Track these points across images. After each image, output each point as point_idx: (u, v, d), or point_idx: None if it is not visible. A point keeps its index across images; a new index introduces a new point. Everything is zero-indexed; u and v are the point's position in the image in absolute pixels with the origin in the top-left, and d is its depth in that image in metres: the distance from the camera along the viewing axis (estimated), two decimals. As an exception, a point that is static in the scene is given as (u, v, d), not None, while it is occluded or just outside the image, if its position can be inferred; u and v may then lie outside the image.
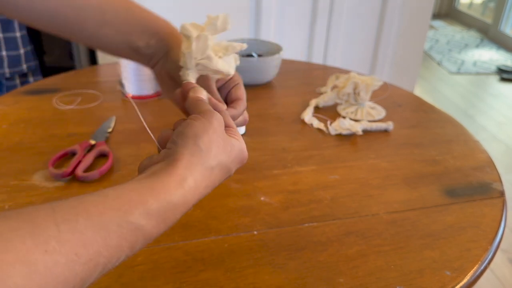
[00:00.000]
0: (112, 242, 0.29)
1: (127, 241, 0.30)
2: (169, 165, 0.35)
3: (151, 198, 0.32)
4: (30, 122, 0.82)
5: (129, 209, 0.31)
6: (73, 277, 0.26)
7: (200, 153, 0.36)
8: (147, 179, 0.34)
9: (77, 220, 0.28)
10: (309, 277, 0.50)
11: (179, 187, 0.34)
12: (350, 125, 0.81)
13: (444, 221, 0.60)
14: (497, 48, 3.80)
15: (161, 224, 0.33)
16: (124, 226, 0.30)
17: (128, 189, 0.32)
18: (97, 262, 0.28)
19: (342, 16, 1.97)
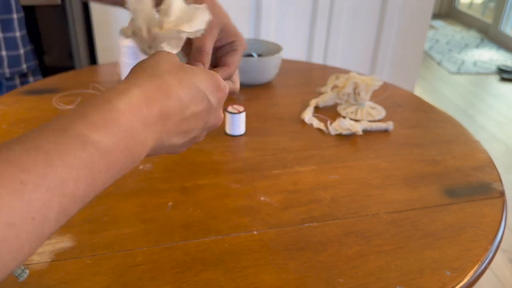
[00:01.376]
0: (55, 162, 0.26)
1: (76, 157, 0.27)
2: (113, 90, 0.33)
3: (89, 110, 0.29)
4: (30, 122, 0.82)
5: (66, 125, 0.28)
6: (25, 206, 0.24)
7: (146, 68, 0.35)
8: (86, 102, 0.31)
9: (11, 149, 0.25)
10: (309, 277, 0.50)
11: (121, 94, 0.32)
12: (350, 125, 0.81)
13: (444, 221, 0.60)
14: (497, 48, 3.80)
15: (115, 133, 0.29)
16: (63, 142, 0.27)
17: (69, 111, 0.30)
18: (48, 186, 0.25)
19: (342, 16, 1.97)
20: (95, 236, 0.55)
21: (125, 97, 0.32)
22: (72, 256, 0.51)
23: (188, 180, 0.66)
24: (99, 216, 0.58)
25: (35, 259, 0.51)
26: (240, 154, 0.75)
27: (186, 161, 0.71)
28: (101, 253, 0.52)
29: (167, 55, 0.38)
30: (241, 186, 0.66)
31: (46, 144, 0.26)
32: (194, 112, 0.37)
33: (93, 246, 0.53)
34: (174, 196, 0.63)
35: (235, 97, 0.96)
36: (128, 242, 0.54)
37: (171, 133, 0.36)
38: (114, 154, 0.29)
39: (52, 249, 0.52)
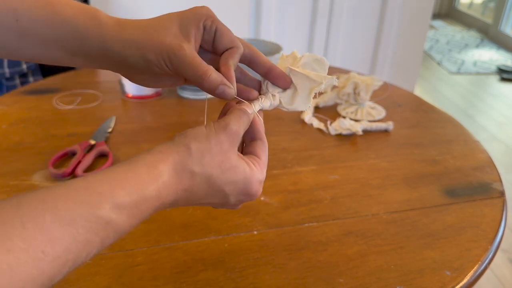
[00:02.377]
0: (80, 238, 0.28)
1: (97, 236, 0.29)
2: (150, 154, 0.33)
3: (122, 191, 0.30)
4: (30, 122, 0.82)
5: (98, 202, 0.29)
6: (39, 275, 0.25)
7: (188, 155, 0.34)
8: (122, 168, 0.32)
9: (44, 216, 0.26)
10: (309, 277, 0.50)
11: (153, 181, 0.32)
12: (350, 125, 0.81)
13: (444, 221, 0.60)
14: (497, 48, 3.80)
15: (133, 218, 0.31)
16: (93, 221, 0.28)
17: (99, 179, 0.30)
18: (66, 258, 0.27)
19: (342, 16, 1.97)
20: (95, 236, 0.55)
21: (156, 185, 0.32)
22: (72, 256, 0.51)
23: (188, 180, 0.66)
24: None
25: (35, 259, 0.51)
26: (240, 154, 0.75)
27: (186, 161, 0.71)
28: (101, 253, 0.52)
29: (224, 140, 0.36)
30: (241, 186, 0.65)
31: (79, 219, 0.28)
32: (206, 202, 0.37)
33: (93, 246, 0.53)
34: (174, 196, 0.63)
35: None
36: (128, 242, 0.54)
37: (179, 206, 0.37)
38: (124, 233, 0.31)
39: (52, 249, 0.52)
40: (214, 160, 0.35)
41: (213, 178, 0.35)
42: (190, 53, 0.37)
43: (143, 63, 0.38)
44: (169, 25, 0.38)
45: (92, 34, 0.38)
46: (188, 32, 0.38)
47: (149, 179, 0.32)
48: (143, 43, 0.37)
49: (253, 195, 0.38)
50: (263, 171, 0.39)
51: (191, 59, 0.37)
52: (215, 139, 0.35)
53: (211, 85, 0.38)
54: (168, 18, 0.39)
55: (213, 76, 0.37)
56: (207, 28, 0.39)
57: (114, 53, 0.38)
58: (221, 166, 0.35)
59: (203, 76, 0.37)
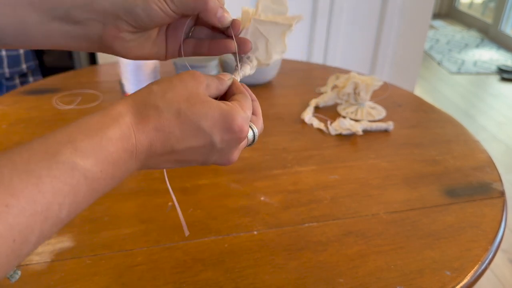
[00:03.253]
0: (45, 187, 0.26)
1: (65, 183, 0.27)
2: (112, 104, 0.32)
3: (80, 135, 0.29)
4: (30, 122, 0.82)
5: (57, 149, 0.28)
6: (8, 229, 0.24)
7: (148, 94, 0.33)
8: (80, 120, 0.30)
9: (1, 172, 0.25)
10: (309, 277, 0.50)
11: (114, 121, 0.31)
12: (350, 125, 0.81)
13: (444, 221, 0.60)
14: (497, 48, 3.80)
15: (104, 163, 0.29)
16: (54, 167, 0.27)
17: (56, 132, 0.29)
18: (34, 210, 0.25)
19: (342, 16, 1.97)
20: (95, 236, 0.55)
21: (117, 125, 0.31)
22: (72, 256, 0.51)
23: (188, 180, 0.66)
24: (99, 216, 0.58)
25: (35, 259, 0.51)
26: (240, 154, 0.75)
27: (186, 161, 0.71)
28: (101, 253, 0.52)
29: (187, 79, 0.35)
30: (241, 186, 0.66)
31: (38, 169, 0.26)
32: (189, 147, 0.34)
33: (93, 246, 0.53)
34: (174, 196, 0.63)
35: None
36: (128, 242, 0.54)
37: (160, 162, 0.35)
38: (99, 181, 0.30)
39: (52, 249, 0.52)
40: (179, 95, 0.33)
41: (183, 111, 0.33)
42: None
43: (146, 13, 0.37)
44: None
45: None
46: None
47: (109, 120, 0.31)
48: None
49: (237, 131, 0.35)
50: (247, 110, 0.36)
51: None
52: (177, 78, 0.34)
53: (214, 7, 0.38)
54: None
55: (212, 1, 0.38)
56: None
57: (104, 1, 0.37)
58: (189, 100, 0.33)
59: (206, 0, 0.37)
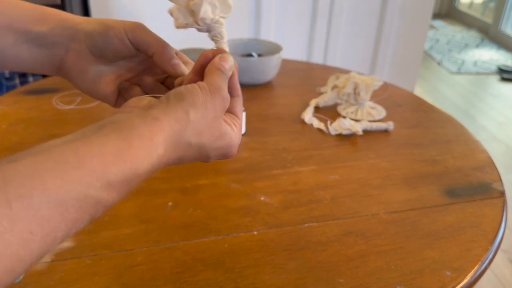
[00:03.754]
0: (70, 217, 0.27)
1: (87, 213, 0.28)
2: (145, 123, 0.31)
3: (114, 168, 0.29)
4: (30, 122, 0.82)
5: (89, 181, 0.28)
6: (28, 255, 0.24)
7: (186, 124, 0.33)
8: (114, 139, 0.30)
9: (32, 195, 0.25)
10: (309, 277, 0.50)
11: (148, 157, 0.31)
12: (350, 125, 0.81)
13: (444, 221, 0.60)
14: (498, 48, 3.80)
15: (122, 193, 0.30)
16: (83, 200, 0.27)
17: (90, 153, 0.28)
18: (55, 236, 0.26)
19: (342, 16, 1.97)
20: (95, 236, 0.55)
21: (150, 160, 0.31)
22: (72, 256, 0.51)
23: (188, 180, 0.66)
24: (99, 216, 0.58)
25: (35, 259, 0.51)
26: (240, 154, 0.75)
27: (186, 161, 0.71)
28: (101, 253, 0.52)
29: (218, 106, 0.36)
30: (241, 186, 0.66)
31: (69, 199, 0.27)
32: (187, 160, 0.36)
33: (93, 246, 0.53)
34: (174, 196, 0.63)
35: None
36: (128, 242, 0.54)
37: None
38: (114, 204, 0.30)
39: (52, 249, 0.52)
40: (209, 128, 0.35)
41: (205, 146, 0.35)
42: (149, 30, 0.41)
43: (104, 34, 0.40)
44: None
45: (51, 12, 0.40)
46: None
47: (144, 154, 0.30)
48: (107, 21, 0.40)
49: (230, 156, 0.39)
50: (240, 132, 0.40)
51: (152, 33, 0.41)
52: (211, 105, 0.35)
53: (171, 53, 0.41)
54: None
55: (169, 47, 0.41)
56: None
57: (72, 28, 0.40)
58: (214, 134, 0.36)
59: (164, 42, 0.40)
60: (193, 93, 0.34)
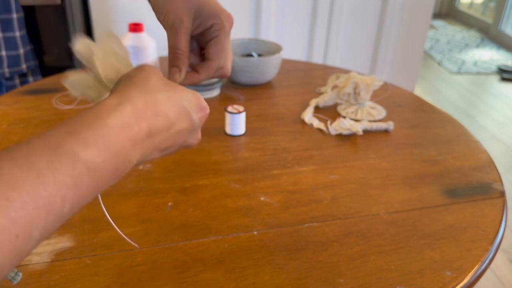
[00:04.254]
0: (47, 180, 0.25)
1: (67, 175, 0.27)
2: (102, 100, 0.33)
3: (79, 127, 0.29)
4: (29, 122, 0.82)
5: (57, 142, 0.27)
6: (11, 224, 0.24)
7: (137, 83, 0.35)
8: (77, 115, 0.31)
9: (1, 166, 0.25)
10: (309, 277, 0.50)
11: (113, 111, 0.31)
12: (350, 125, 0.81)
13: (444, 221, 0.60)
14: (498, 48, 3.80)
15: (105, 152, 0.29)
16: (56, 160, 0.26)
17: (54, 127, 0.29)
18: (37, 204, 0.25)
19: (342, 16, 1.97)
20: (95, 236, 0.55)
21: (117, 114, 0.31)
22: (72, 256, 0.51)
23: (188, 180, 0.66)
24: (99, 216, 0.58)
25: (35, 259, 0.51)
26: (240, 154, 0.75)
27: (186, 161, 0.71)
28: (101, 253, 0.52)
29: (154, 71, 0.38)
30: (241, 186, 0.66)
31: (39, 162, 0.26)
32: (178, 130, 0.37)
33: (93, 246, 0.53)
34: (174, 196, 0.63)
35: (235, 97, 0.96)
36: (128, 243, 0.54)
37: (155, 149, 0.36)
38: (102, 173, 0.29)
39: (52, 249, 0.52)
40: (158, 83, 0.37)
41: (168, 95, 0.36)
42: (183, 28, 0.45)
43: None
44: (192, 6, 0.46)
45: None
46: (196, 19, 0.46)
47: (107, 111, 0.32)
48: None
49: (205, 108, 0.40)
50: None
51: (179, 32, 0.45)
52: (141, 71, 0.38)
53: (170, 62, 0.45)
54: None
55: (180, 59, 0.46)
56: (214, 27, 0.47)
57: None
58: (168, 85, 0.37)
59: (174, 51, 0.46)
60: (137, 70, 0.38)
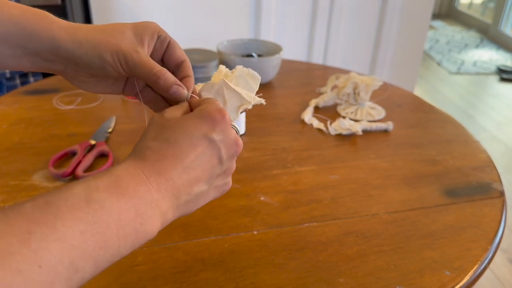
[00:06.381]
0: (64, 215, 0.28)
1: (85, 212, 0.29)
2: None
3: (91, 178, 0.31)
4: (30, 122, 0.82)
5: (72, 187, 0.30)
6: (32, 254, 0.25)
7: (136, 144, 0.36)
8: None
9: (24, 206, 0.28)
10: (309, 277, 0.50)
11: (117, 166, 0.33)
12: (350, 125, 0.81)
13: (444, 221, 0.60)
14: (497, 48, 3.80)
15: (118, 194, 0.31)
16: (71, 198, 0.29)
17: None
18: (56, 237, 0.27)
19: (342, 16, 1.97)
20: (95, 236, 0.55)
21: (121, 166, 0.33)
22: (72, 256, 0.51)
23: (188, 180, 0.66)
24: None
25: (35, 259, 0.51)
26: (240, 154, 0.75)
27: (186, 161, 0.71)
28: (101, 253, 0.52)
29: (157, 120, 0.38)
30: (241, 186, 0.66)
31: (57, 200, 0.28)
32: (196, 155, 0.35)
33: (93, 246, 0.53)
34: (174, 196, 0.63)
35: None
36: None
37: (185, 186, 0.35)
38: (119, 214, 0.30)
39: (52, 249, 0.52)
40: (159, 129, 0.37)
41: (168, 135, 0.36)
42: (144, 55, 0.40)
43: (98, 62, 0.39)
44: (125, 30, 0.40)
45: (41, 32, 0.38)
46: (143, 39, 0.41)
47: (112, 168, 0.33)
48: (100, 44, 0.39)
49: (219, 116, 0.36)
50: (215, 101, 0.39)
51: (146, 60, 0.39)
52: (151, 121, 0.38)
53: (166, 84, 0.39)
54: (123, 25, 0.41)
55: (166, 75, 0.39)
56: (161, 38, 0.42)
57: (67, 52, 0.39)
58: (166, 126, 0.36)
59: (158, 74, 0.39)
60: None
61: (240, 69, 0.44)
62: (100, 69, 0.40)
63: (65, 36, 0.39)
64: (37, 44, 0.39)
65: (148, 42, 0.41)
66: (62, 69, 0.41)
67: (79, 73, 0.41)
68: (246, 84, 0.44)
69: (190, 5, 1.74)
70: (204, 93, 0.43)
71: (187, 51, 1.03)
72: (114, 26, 0.40)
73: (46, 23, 0.39)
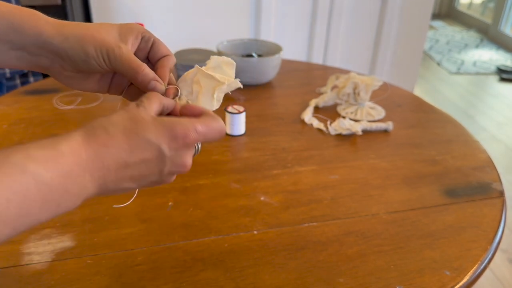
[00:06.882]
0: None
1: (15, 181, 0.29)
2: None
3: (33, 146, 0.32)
4: (30, 122, 0.82)
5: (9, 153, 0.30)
6: None
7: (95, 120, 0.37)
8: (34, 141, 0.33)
9: None
10: (309, 277, 0.50)
11: (64, 139, 0.34)
12: (350, 125, 0.81)
13: (444, 221, 0.60)
14: (497, 48, 3.80)
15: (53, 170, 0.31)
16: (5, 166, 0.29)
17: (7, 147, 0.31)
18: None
19: (342, 16, 1.97)
20: (96, 236, 0.55)
21: (67, 141, 0.34)
22: (72, 256, 0.51)
23: (188, 180, 0.66)
24: (99, 216, 0.58)
25: (36, 258, 0.51)
26: (240, 154, 0.76)
27: (186, 161, 0.71)
28: (102, 253, 0.52)
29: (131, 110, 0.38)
30: (241, 186, 0.66)
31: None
32: (141, 159, 0.36)
33: (93, 245, 0.53)
34: (174, 196, 0.63)
35: (235, 97, 0.96)
36: (128, 242, 0.54)
37: (117, 180, 0.36)
38: (50, 189, 0.31)
39: (53, 248, 0.52)
40: (123, 117, 0.37)
41: (128, 129, 0.36)
42: (126, 51, 0.41)
43: (83, 56, 0.41)
44: (110, 29, 0.42)
45: (28, 26, 0.40)
46: (127, 38, 0.42)
47: (60, 139, 0.34)
48: (84, 38, 0.40)
49: (181, 137, 0.36)
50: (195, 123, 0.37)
51: (128, 56, 0.41)
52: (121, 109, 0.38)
53: (144, 79, 0.41)
54: (109, 24, 0.43)
55: (146, 71, 0.41)
56: (145, 38, 0.44)
57: (52, 45, 0.40)
58: (133, 119, 0.37)
59: (137, 69, 0.41)
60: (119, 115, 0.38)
61: (215, 59, 0.44)
62: (84, 63, 0.41)
63: (52, 30, 0.40)
64: (24, 38, 0.40)
65: (132, 41, 0.43)
66: (49, 65, 0.42)
67: (65, 68, 0.42)
68: (223, 72, 0.44)
69: (190, 5, 1.74)
70: (181, 84, 0.44)
71: (187, 51, 1.03)
72: (100, 24, 0.42)
73: (33, 19, 0.40)
